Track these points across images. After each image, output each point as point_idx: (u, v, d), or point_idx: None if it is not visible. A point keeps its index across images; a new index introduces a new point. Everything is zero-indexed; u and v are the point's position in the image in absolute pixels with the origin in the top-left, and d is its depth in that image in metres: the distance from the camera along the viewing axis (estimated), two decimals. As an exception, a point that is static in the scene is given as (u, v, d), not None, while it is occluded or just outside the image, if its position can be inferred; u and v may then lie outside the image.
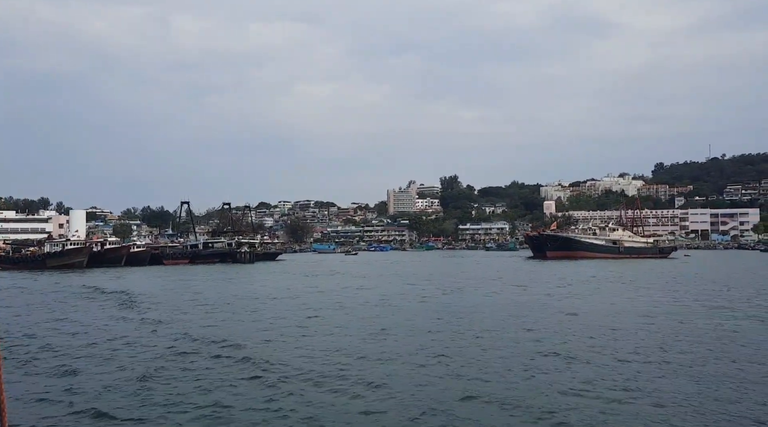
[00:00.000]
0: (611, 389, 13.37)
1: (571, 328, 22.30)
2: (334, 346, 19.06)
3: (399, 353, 17.78)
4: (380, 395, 13.08)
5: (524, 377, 14.63)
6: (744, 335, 20.45)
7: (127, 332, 22.85)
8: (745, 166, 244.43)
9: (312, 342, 19.81)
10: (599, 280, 48.96)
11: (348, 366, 15.95)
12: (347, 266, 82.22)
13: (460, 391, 13.28)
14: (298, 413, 11.94)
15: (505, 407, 12.15)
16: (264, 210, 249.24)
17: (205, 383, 14.40)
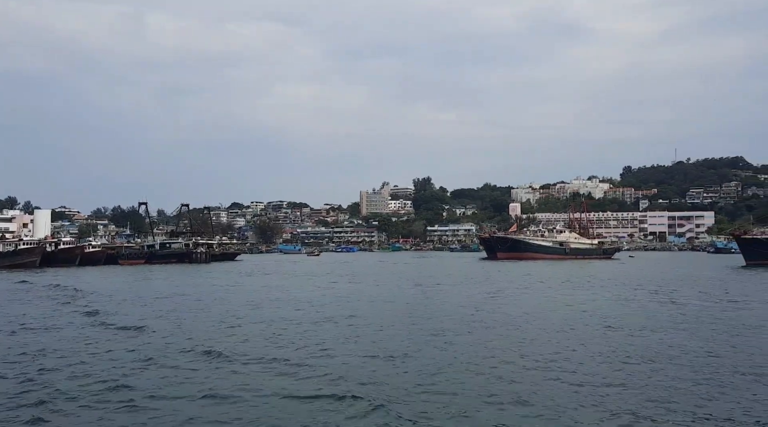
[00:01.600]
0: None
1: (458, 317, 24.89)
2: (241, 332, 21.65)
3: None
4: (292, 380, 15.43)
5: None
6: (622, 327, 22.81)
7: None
8: (707, 171, 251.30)
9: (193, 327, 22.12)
10: (531, 278, 51.76)
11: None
12: (302, 266, 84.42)
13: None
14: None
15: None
16: (236, 210, 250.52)
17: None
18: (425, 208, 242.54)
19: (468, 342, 19.52)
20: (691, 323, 23.51)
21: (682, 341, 19.44)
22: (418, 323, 24.11)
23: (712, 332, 21.35)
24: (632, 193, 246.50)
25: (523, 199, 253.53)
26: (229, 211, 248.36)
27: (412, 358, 16.91)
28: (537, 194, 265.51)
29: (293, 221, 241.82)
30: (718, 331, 21.50)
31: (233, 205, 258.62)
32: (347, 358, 17.05)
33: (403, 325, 23.58)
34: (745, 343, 19.08)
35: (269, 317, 26.64)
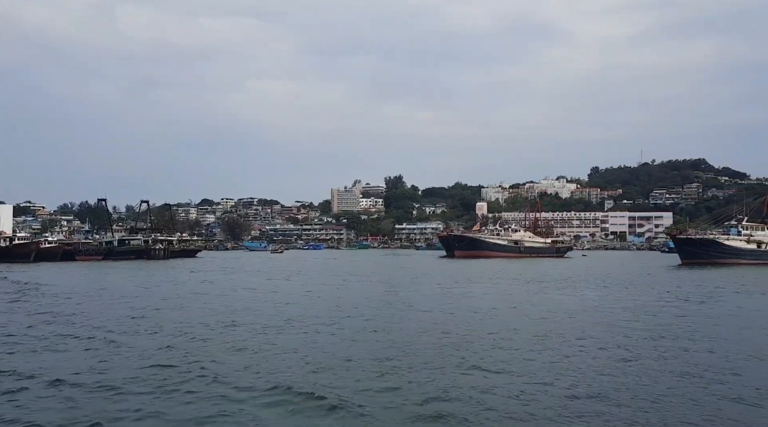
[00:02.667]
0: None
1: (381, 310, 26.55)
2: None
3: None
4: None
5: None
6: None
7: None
8: (671, 172, 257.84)
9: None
10: (474, 274, 53.77)
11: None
12: (258, 263, 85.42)
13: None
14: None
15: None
16: (206, 207, 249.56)
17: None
18: (395, 207, 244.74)
19: (388, 336, 21.15)
20: (577, 314, 25.58)
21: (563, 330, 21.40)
22: (296, 317, 25.72)
23: (588, 319, 23.38)
24: (598, 193, 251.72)
25: (492, 198, 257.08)
26: (199, 207, 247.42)
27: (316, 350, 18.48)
28: (506, 194, 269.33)
29: (264, 218, 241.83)
30: (591, 320, 23.52)
31: (203, 201, 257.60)
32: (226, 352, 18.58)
33: (285, 319, 25.15)
34: (614, 333, 21.05)
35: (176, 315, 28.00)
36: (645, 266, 73.80)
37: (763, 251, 71.19)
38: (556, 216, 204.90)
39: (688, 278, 51.13)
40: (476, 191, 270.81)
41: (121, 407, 11.81)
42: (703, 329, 21.94)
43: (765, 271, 61.76)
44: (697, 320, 24.49)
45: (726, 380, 13.85)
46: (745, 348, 17.90)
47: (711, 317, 25.51)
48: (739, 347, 18.15)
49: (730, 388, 13.16)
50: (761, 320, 24.97)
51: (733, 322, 24.05)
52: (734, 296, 34.69)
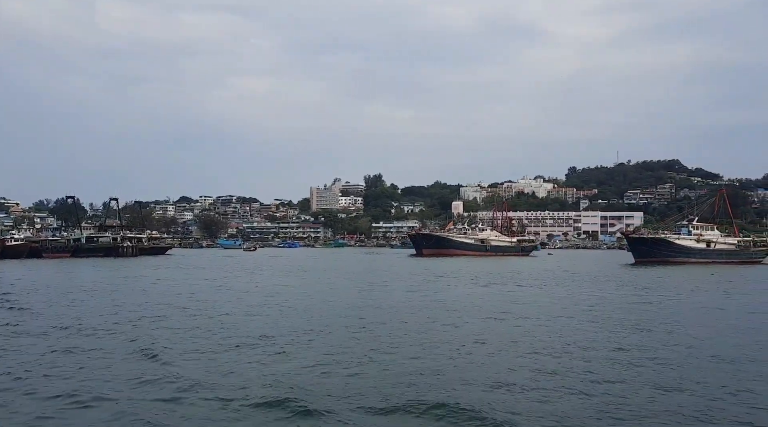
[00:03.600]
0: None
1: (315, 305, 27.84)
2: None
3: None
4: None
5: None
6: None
7: None
8: (645, 172, 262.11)
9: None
10: (432, 272, 55.28)
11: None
12: (228, 261, 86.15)
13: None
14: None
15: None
16: (184, 205, 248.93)
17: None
18: (374, 205, 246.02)
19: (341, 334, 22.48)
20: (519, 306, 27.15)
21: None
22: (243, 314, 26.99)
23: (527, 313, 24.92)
24: (574, 193, 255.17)
25: (470, 197, 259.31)
26: (177, 205, 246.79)
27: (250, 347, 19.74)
28: (484, 193, 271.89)
29: (242, 216, 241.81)
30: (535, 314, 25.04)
31: (181, 199, 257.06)
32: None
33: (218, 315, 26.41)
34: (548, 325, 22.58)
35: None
36: (603, 265, 75.83)
37: (711, 249, 73.61)
38: (530, 215, 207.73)
39: (628, 275, 53.07)
40: (455, 190, 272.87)
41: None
42: (627, 316, 23.58)
43: (711, 269, 64.19)
44: (607, 308, 26.17)
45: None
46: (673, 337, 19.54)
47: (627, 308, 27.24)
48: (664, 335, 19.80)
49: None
50: (674, 312, 26.70)
51: (648, 311, 25.77)
52: (661, 291, 36.58)
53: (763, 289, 40.61)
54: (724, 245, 74.83)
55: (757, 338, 19.81)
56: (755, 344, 18.52)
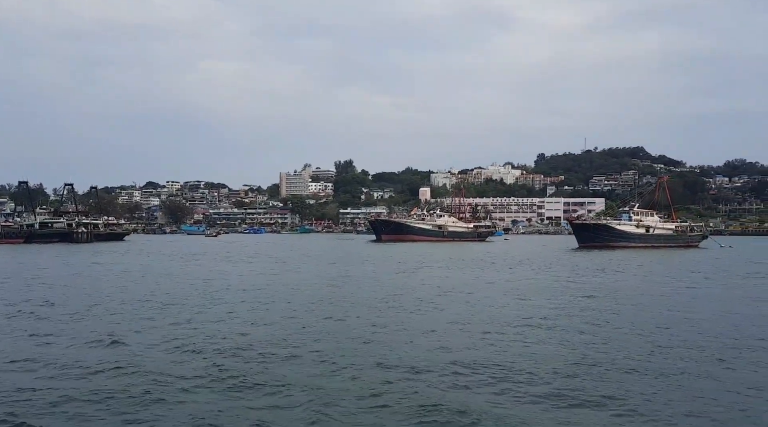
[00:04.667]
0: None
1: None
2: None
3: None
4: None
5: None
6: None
7: None
8: (611, 159, 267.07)
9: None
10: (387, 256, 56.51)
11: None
12: (182, 246, 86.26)
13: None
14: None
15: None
16: (151, 190, 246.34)
17: None
18: (344, 191, 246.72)
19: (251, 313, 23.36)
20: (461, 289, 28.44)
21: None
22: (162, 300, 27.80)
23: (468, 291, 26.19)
24: (541, 179, 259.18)
25: (440, 184, 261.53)
26: (143, 190, 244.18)
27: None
28: (454, 179, 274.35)
29: (210, 201, 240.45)
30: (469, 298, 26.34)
31: (148, 184, 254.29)
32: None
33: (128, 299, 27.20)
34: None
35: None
36: (550, 249, 77.93)
37: (651, 234, 76.31)
38: (495, 201, 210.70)
39: (560, 258, 55.00)
40: (426, 177, 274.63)
41: None
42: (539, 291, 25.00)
43: (646, 253, 66.76)
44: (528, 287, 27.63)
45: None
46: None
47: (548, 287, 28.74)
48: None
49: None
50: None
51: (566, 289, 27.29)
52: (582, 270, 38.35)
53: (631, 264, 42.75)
54: (663, 230, 77.61)
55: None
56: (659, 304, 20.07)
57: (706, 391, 11.21)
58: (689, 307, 22.53)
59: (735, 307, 22.63)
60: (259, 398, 10.84)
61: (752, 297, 25.91)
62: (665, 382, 11.76)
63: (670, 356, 14.02)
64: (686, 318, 19.57)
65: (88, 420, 9.75)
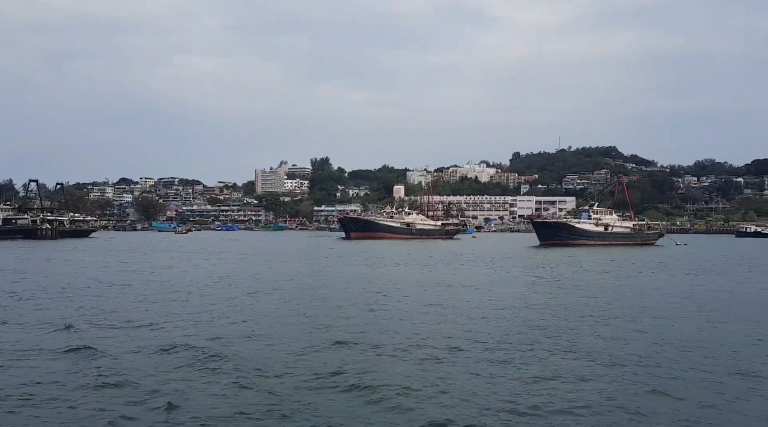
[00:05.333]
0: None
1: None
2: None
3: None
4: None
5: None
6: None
7: None
8: (584, 158, 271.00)
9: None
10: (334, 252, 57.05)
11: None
12: (145, 243, 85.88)
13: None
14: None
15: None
16: (124, 186, 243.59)
17: None
18: (319, 189, 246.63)
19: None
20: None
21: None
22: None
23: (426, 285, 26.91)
24: (515, 178, 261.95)
25: (415, 181, 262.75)
26: (116, 187, 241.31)
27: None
28: (430, 177, 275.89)
29: (184, 198, 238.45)
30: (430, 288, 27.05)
31: (121, 181, 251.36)
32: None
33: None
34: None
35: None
36: (513, 247, 79.29)
37: (609, 233, 78.14)
38: (468, 199, 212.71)
39: (519, 255, 56.23)
40: (402, 175, 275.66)
41: None
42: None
43: (604, 250, 68.45)
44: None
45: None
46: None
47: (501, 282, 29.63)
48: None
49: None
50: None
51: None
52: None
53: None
54: (621, 228, 79.54)
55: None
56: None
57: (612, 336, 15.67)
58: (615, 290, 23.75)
59: (660, 288, 24.06)
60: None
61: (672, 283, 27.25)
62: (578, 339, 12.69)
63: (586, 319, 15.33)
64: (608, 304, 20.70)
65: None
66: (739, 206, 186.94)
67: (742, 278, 35.31)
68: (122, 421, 9.35)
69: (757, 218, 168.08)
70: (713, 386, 11.26)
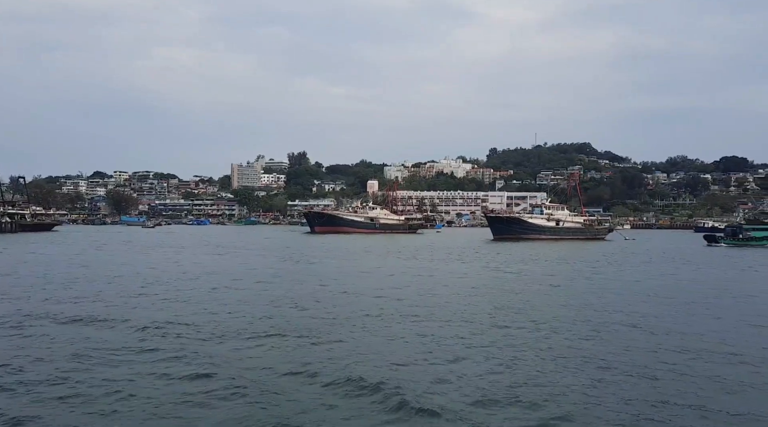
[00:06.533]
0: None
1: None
2: None
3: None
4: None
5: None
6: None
7: None
8: (559, 154, 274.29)
9: None
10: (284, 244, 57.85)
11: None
12: (113, 236, 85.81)
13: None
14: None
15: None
16: (98, 180, 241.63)
17: None
18: (296, 183, 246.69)
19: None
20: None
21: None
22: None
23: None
24: (491, 173, 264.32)
25: (392, 176, 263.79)
26: (90, 180, 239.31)
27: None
28: (407, 172, 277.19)
29: (159, 192, 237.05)
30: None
31: (95, 174, 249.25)
32: None
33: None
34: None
35: None
36: (470, 241, 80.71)
37: (560, 227, 79.94)
38: (441, 195, 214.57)
39: (472, 248, 57.60)
40: (379, 169, 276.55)
41: None
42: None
43: (554, 244, 70.19)
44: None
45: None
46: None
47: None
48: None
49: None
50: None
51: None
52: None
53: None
54: (572, 223, 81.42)
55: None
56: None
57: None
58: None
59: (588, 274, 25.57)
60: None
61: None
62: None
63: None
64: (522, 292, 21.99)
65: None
66: (705, 202, 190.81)
67: (657, 267, 37.08)
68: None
69: (721, 213, 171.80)
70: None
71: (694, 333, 15.79)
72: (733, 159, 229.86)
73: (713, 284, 28.32)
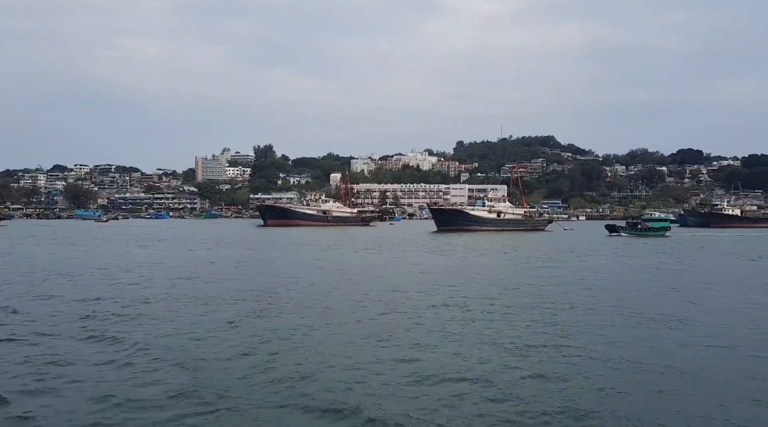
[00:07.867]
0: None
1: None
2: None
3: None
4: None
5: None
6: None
7: None
8: (523, 147, 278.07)
9: None
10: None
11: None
12: (57, 230, 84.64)
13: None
14: None
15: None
16: (57, 174, 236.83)
17: None
18: (261, 176, 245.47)
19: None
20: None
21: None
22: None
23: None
24: (456, 166, 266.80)
25: (359, 169, 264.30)
26: (49, 174, 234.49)
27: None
28: (374, 165, 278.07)
29: (120, 186, 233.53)
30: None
31: (55, 167, 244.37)
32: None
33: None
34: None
35: None
36: (417, 232, 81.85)
37: (501, 219, 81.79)
38: (404, 188, 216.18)
39: (414, 240, 58.66)
40: (346, 162, 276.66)
41: None
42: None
43: (495, 235, 71.80)
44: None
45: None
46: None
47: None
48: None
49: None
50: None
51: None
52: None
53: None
54: (513, 215, 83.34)
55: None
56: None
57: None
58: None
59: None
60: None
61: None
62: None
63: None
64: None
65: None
66: (660, 194, 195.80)
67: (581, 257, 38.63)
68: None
69: (675, 204, 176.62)
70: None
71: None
72: (689, 151, 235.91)
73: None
